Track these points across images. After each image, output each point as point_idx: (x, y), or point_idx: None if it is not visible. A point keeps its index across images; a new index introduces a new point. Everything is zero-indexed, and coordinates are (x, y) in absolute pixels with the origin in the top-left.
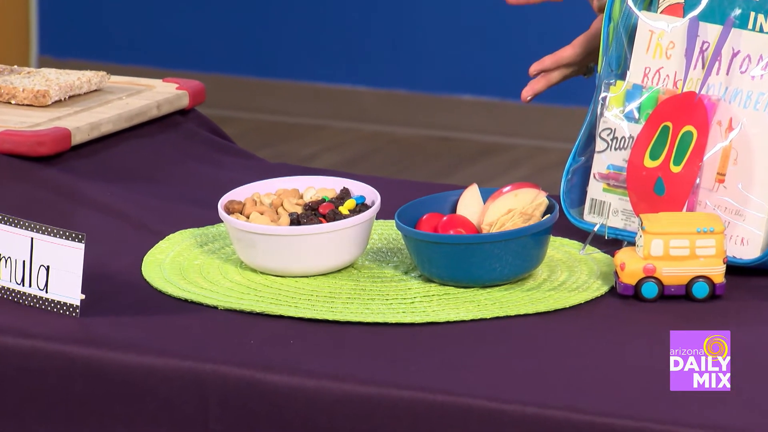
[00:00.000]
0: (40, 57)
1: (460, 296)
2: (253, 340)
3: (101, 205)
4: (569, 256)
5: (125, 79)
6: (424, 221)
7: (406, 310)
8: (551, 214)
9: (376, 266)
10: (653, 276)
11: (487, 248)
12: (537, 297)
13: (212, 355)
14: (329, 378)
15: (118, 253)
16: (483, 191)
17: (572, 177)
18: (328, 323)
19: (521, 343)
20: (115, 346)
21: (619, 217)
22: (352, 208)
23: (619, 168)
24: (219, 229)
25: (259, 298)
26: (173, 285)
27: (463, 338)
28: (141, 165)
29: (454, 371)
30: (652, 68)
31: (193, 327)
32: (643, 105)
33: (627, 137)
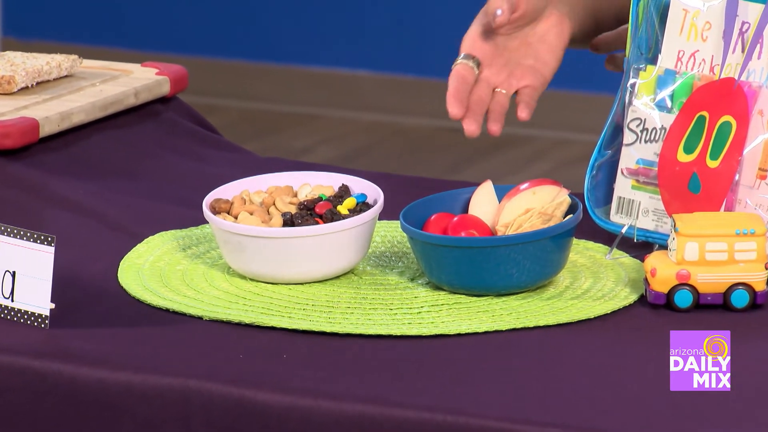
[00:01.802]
0: (3, 38)
1: (472, 306)
2: (242, 354)
3: (73, 204)
4: (594, 261)
5: (99, 64)
6: (433, 222)
7: (412, 321)
8: (574, 215)
9: (379, 272)
10: (687, 283)
11: (503, 252)
12: (558, 306)
13: (196, 371)
14: (326, 396)
15: (92, 258)
16: (498, 189)
17: (597, 173)
18: (326, 335)
19: (540, 358)
20: (88, 360)
21: (650, 217)
22: (352, 208)
23: (650, 163)
24: (204, 231)
25: (248, 308)
26: (153, 293)
27: (475, 352)
28: (117, 159)
29: (464, 389)
30: (686, 52)
31: (175, 340)
32: (676, 93)
33: (658, 128)
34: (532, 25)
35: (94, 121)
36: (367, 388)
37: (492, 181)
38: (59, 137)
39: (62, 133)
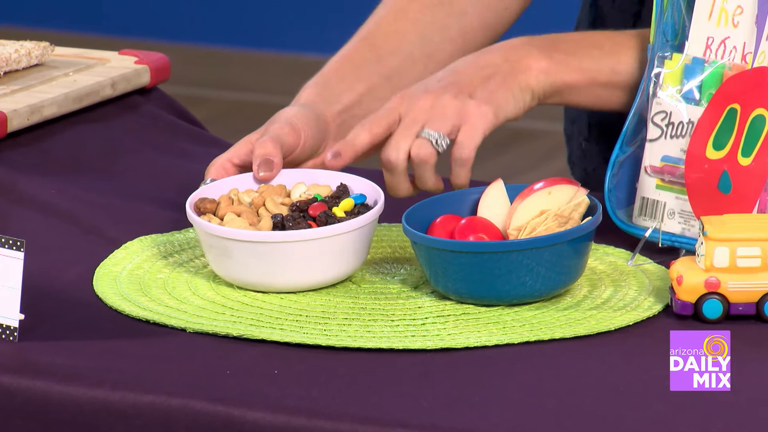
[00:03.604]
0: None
1: (481, 317)
2: (229, 369)
3: (44, 205)
4: (615, 267)
5: (73, 52)
6: (438, 225)
7: (415, 334)
8: (593, 217)
9: (379, 280)
10: (717, 292)
11: (515, 258)
12: (575, 318)
13: (179, 388)
14: (321, 416)
15: (65, 264)
16: (510, 188)
17: (619, 171)
18: (321, 349)
19: (556, 374)
20: (61, 376)
21: (676, 219)
22: (350, 210)
23: (676, 160)
24: (187, 236)
25: (236, 319)
26: (132, 303)
27: (484, 368)
28: (92, 156)
29: (472, 408)
30: (715, 38)
31: (157, 354)
32: (704, 83)
33: (685, 122)
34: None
35: (67, 115)
36: (365, 406)
37: (503, 180)
38: (29, 132)
39: (32, 127)
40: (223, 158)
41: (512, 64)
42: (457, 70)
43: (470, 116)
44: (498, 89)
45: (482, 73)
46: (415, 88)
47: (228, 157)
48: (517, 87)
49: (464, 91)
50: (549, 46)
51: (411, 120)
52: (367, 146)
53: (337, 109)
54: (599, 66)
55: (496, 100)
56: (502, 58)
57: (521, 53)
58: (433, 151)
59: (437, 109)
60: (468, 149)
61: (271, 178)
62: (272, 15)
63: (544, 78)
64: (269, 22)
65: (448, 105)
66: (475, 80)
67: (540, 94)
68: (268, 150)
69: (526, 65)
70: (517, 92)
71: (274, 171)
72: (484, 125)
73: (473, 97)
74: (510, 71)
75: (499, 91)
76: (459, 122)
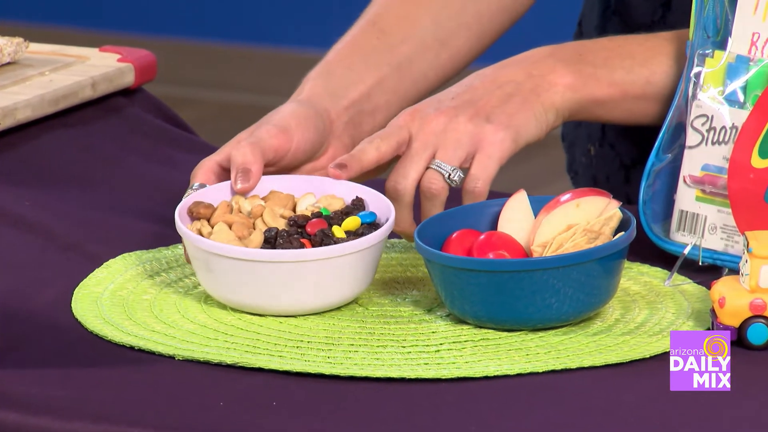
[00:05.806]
0: None
1: (502, 342)
2: (222, 401)
3: (17, 219)
4: (650, 288)
5: (49, 48)
6: (454, 241)
7: (429, 362)
8: (626, 232)
9: (389, 302)
10: (763, 315)
11: (540, 278)
12: (606, 344)
13: (167, 421)
14: None
15: (41, 284)
16: (534, 200)
17: (655, 181)
18: (324, 378)
19: (585, 406)
20: (35, 409)
21: (718, 235)
22: (352, 230)
23: (718, 169)
24: (176, 252)
25: (230, 346)
26: (114, 327)
27: (505, 399)
28: (70, 164)
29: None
30: (761, 34)
31: (142, 383)
32: (749, 84)
33: (728, 127)
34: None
35: (42, 118)
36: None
37: (527, 191)
38: (1, 137)
39: (4, 132)
40: (211, 161)
41: (535, 80)
42: (474, 86)
43: (486, 143)
44: (518, 111)
45: (501, 92)
46: (426, 105)
47: (217, 160)
48: (540, 107)
49: (480, 113)
50: (575, 58)
51: (421, 144)
52: (374, 164)
53: (343, 105)
54: (632, 78)
55: (516, 124)
56: (525, 74)
57: (545, 68)
58: (445, 186)
59: (450, 133)
60: (482, 181)
61: (249, 189)
62: (269, 7)
63: (570, 95)
64: (266, 15)
65: (463, 129)
66: (493, 100)
67: (565, 112)
68: (246, 159)
69: (550, 82)
70: (539, 113)
71: (251, 182)
72: (501, 154)
73: (490, 121)
74: (532, 89)
75: (519, 113)
76: (473, 149)
